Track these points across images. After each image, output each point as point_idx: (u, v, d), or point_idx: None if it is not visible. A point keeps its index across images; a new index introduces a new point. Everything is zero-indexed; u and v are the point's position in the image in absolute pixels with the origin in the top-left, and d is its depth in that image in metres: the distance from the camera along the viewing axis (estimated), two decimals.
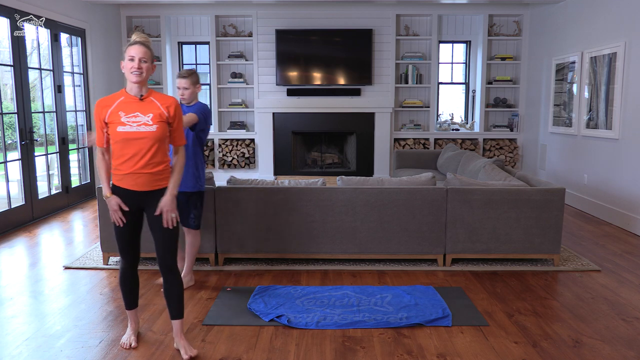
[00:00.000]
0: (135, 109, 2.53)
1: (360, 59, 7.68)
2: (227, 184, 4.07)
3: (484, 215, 4.00)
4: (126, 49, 2.54)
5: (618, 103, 5.35)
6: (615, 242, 4.83)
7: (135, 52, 2.52)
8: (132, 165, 2.53)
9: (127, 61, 2.53)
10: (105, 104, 2.56)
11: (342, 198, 3.99)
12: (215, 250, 4.08)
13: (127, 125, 2.50)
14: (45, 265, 4.15)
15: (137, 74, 2.51)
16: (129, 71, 2.52)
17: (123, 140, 2.50)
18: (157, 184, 2.59)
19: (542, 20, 7.32)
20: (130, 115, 2.52)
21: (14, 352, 2.72)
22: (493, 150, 8.02)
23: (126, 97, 2.56)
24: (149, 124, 2.52)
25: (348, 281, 3.78)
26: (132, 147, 2.51)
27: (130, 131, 2.50)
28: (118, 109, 2.53)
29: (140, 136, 2.51)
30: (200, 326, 3.03)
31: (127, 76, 2.54)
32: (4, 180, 5.29)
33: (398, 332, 2.95)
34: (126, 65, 2.53)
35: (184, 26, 7.98)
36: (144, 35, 2.60)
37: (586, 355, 2.71)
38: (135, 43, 2.54)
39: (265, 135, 7.87)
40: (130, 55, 2.52)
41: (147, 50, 2.54)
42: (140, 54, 2.51)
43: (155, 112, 2.55)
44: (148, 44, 2.57)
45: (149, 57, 2.55)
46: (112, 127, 2.52)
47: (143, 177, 2.55)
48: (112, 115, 2.53)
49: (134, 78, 2.52)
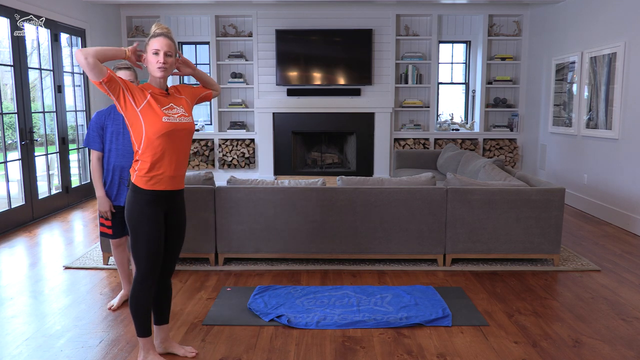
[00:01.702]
0: (168, 102, 2.41)
1: (360, 59, 7.68)
2: (227, 184, 4.07)
3: (484, 215, 4.00)
4: (148, 41, 2.39)
5: (618, 103, 5.36)
6: (615, 242, 4.83)
7: (160, 44, 2.36)
8: (174, 161, 2.39)
9: (150, 55, 2.37)
10: (142, 89, 2.37)
11: (342, 198, 3.99)
12: (215, 250, 4.08)
13: (171, 117, 2.36)
14: (45, 265, 4.15)
15: (162, 69, 2.37)
16: (155, 66, 2.37)
17: (168, 133, 2.33)
18: (183, 180, 2.52)
19: (542, 20, 7.32)
20: (165, 108, 2.38)
21: (14, 352, 2.72)
22: (493, 150, 8.02)
23: (154, 90, 2.41)
24: (186, 115, 2.43)
25: (348, 281, 3.78)
26: (175, 141, 2.37)
27: (174, 122, 2.36)
28: (154, 100, 2.37)
29: (183, 127, 2.39)
30: (200, 326, 3.03)
31: (151, 71, 2.39)
32: (4, 180, 5.29)
33: (398, 332, 2.95)
34: (150, 58, 2.38)
35: (184, 26, 7.98)
36: (165, 26, 2.44)
37: (586, 355, 2.71)
38: (158, 35, 2.38)
39: (265, 135, 7.87)
40: (154, 49, 2.36)
41: (171, 42, 2.40)
42: (165, 47, 2.37)
43: (184, 104, 2.48)
44: (171, 35, 2.43)
45: (173, 50, 2.41)
46: (154, 118, 2.33)
47: (181, 171, 2.45)
48: (151, 105, 2.34)
49: (159, 73, 2.38)
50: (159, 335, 2.68)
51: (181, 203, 2.55)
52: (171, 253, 2.56)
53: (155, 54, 2.37)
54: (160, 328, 2.67)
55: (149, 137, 2.33)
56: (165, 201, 2.43)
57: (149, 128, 2.32)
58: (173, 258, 2.58)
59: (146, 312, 2.47)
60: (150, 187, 2.37)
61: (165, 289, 2.63)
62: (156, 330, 2.67)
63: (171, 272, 2.62)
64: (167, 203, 2.45)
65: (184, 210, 2.57)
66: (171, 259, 2.57)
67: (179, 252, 2.61)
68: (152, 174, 2.36)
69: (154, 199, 2.38)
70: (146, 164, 2.36)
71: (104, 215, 3.11)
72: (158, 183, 2.38)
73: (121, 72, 2.95)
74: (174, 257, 2.58)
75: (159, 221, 2.40)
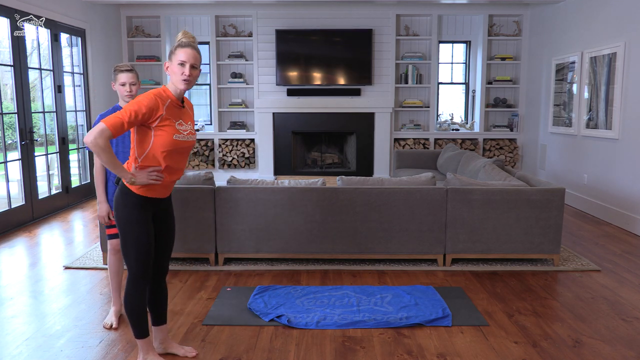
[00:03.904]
0: (179, 116, 2.37)
1: (360, 59, 7.68)
2: (227, 184, 4.07)
3: (484, 215, 4.00)
4: (175, 49, 2.33)
5: (618, 103, 5.36)
6: (615, 242, 4.83)
7: (187, 56, 2.31)
8: (172, 173, 2.40)
9: (176, 65, 2.31)
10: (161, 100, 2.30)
11: (342, 198, 3.99)
12: (215, 250, 4.08)
13: (181, 134, 2.34)
14: (45, 265, 4.15)
15: (187, 82, 2.33)
16: (179, 77, 2.32)
17: (175, 149, 2.33)
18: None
19: (542, 20, 7.32)
20: (177, 123, 2.35)
21: (14, 352, 2.72)
22: (493, 150, 8.02)
23: (172, 98, 2.36)
24: (193, 132, 2.43)
25: (348, 281, 3.78)
26: (178, 157, 2.38)
27: (182, 140, 2.35)
28: (169, 113, 2.32)
29: (188, 145, 2.40)
30: (200, 326, 3.03)
31: (175, 81, 2.34)
32: (4, 180, 5.29)
33: (398, 332, 2.95)
34: (175, 69, 2.32)
35: (184, 26, 7.97)
36: (191, 34, 2.39)
37: (586, 355, 2.71)
38: (187, 46, 2.33)
39: (265, 135, 7.87)
40: (181, 60, 2.31)
41: (197, 55, 2.35)
42: (192, 60, 2.32)
43: (192, 120, 2.48)
44: (197, 46, 2.39)
45: (199, 62, 2.36)
46: (165, 136, 2.29)
47: (175, 180, 2.47)
48: (164, 122, 2.30)
49: (182, 85, 2.33)
50: (158, 336, 2.68)
51: (169, 204, 2.56)
52: (163, 253, 2.56)
53: (181, 65, 2.32)
54: (159, 329, 2.67)
55: (154, 150, 2.31)
56: (153, 204, 2.44)
57: (157, 142, 2.30)
58: (165, 258, 2.58)
59: (141, 314, 2.46)
60: (142, 194, 2.36)
61: (160, 290, 2.62)
62: (155, 331, 2.67)
63: (165, 273, 2.62)
64: (155, 205, 2.45)
65: (172, 211, 2.58)
66: (163, 260, 2.57)
67: (170, 252, 2.61)
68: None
69: (143, 203, 2.37)
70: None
71: (101, 220, 3.00)
72: (150, 191, 2.37)
73: (122, 75, 2.92)
74: (166, 258, 2.59)
75: (148, 223, 2.39)
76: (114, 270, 3.12)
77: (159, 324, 2.66)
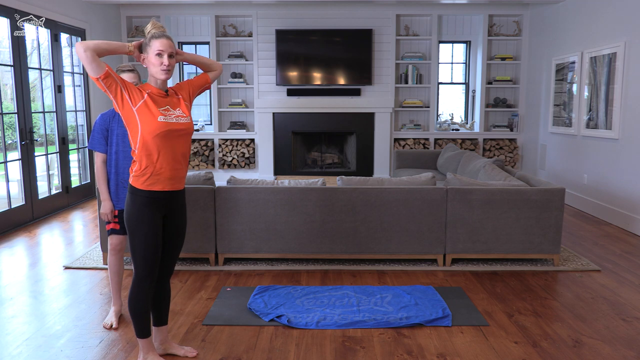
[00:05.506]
0: (165, 103, 2.38)
1: (360, 59, 7.68)
2: (227, 184, 4.07)
3: (484, 215, 4.00)
4: (149, 41, 2.34)
5: (618, 103, 5.36)
6: (615, 242, 4.83)
7: (163, 46, 2.33)
8: (171, 161, 2.37)
9: (153, 56, 2.33)
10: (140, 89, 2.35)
11: (342, 198, 3.99)
12: (215, 250, 4.08)
13: (167, 117, 2.34)
14: (45, 265, 4.15)
15: (166, 72, 2.35)
16: (159, 68, 2.34)
17: (165, 133, 2.31)
18: (183, 181, 2.50)
19: (542, 20, 7.32)
20: (162, 109, 2.35)
21: (14, 352, 2.73)
22: (493, 150, 8.02)
23: (153, 90, 2.38)
24: (183, 115, 2.41)
25: (348, 281, 3.78)
26: (172, 141, 2.36)
27: (170, 122, 2.33)
28: (152, 98, 2.34)
29: (179, 128, 2.37)
30: (200, 326, 3.03)
31: (154, 72, 2.36)
32: (4, 180, 5.30)
33: (398, 332, 2.95)
34: (152, 60, 2.33)
35: (184, 26, 7.98)
36: (160, 24, 2.41)
37: (586, 355, 2.71)
38: (161, 36, 2.34)
39: (265, 135, 7.87)
40: (158, 50, 2.32)
41: (172, 43, 2.37)
42: (169, 49, 2.34)
43: (182, 105, 2.46)
44: (169, 34, 2.40)
45: (174, 50, 2.39)
46: (149, 117, 2.30)
47: (180, 172, 2.43)
48: (147, 105, 2.32)
49: (163, 75, 2.35)
50: (159, 336, 2.67)
51: (181, 205, 2.53)
52: (170, 255, 2.55)
53: (159, 56, 2.34)
54: (160, 329, 2.67)
55: (144, 136, 2.31)
56: (164, 203, 2.42)
57: (144, 127, 2.30)
58: (172, 260, 2.57)
59: (145, 313, 2.47)
60: (147, 188, 2.35)
61: (164, 291, 2.62)
62: (155, 331, 2.67)
63: (170, 274, 2.61)
64: (165, 205, 2.43)
65: (184, 212, 2.55)
66: (170, 260, 2.56)
67: (178, 254, 2.61)
68: (148, 175, 2.35)
69: (151, 201, 2.37)
70: (142, 164, 2.35)
71: (104, 218, 3.02)
72: (155, 184, 2.36)
73: (124, 75, 2.92)
74: (173, 259, 2.57)
75: (156, 223, 2.39)
76: (114, 270, 3.12)
77: (160, 324, 2.66)
